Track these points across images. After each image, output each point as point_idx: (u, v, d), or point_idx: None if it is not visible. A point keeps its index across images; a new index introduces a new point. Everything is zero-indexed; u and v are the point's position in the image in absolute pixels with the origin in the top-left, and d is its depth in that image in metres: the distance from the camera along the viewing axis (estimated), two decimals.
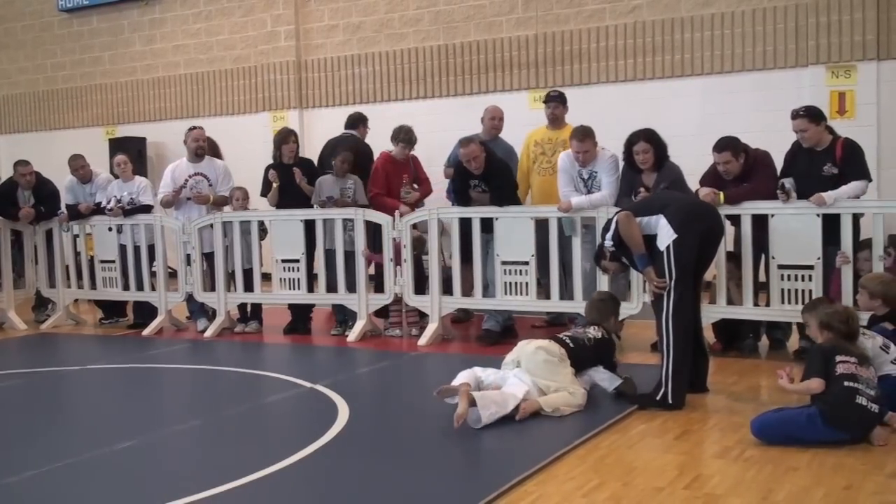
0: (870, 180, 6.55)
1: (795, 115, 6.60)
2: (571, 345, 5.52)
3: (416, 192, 8.14)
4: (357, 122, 9.48)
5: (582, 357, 5.52)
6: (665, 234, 5.37)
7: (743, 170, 6.65)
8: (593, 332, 5.74)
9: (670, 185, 6.47)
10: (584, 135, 7.16)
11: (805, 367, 4.74)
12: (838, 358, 4.57)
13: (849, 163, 6.47)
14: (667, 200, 5.63)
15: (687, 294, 5.37)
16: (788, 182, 6.57)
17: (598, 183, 7.22)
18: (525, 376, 5.27)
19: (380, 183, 8.28)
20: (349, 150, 8.38)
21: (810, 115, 6.54)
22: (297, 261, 8.33)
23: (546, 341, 5.51)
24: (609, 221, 5.82)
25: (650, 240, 5.48)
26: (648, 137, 6.60)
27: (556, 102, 8.16)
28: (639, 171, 6.72)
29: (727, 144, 6.66)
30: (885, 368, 4.92)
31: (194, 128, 8.85)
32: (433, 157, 8.69)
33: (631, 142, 6.71)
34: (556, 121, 8.15)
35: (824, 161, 6.51)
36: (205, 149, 8.73)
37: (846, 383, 4.49)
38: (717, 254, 6.35)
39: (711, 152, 6.72)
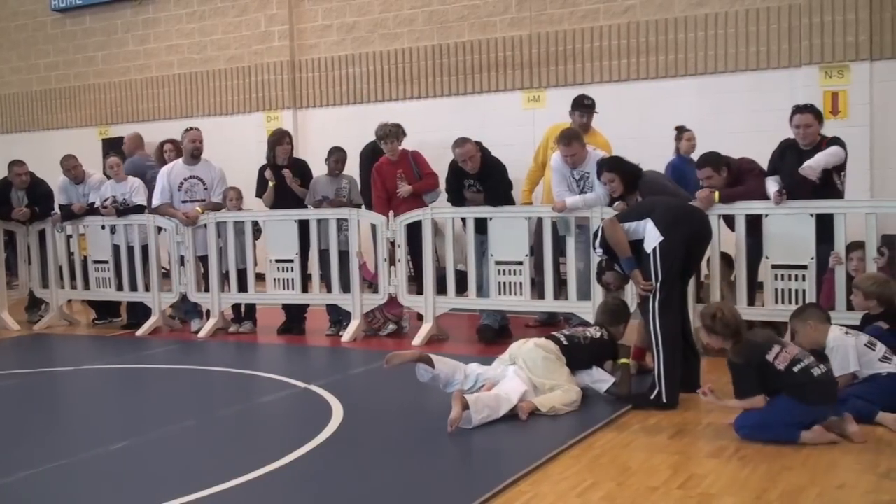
0: (844, 153, 6.51)
1: (802, 109, 6.60)
2: (566, 342, 5.54)
3: (408, 186, 8.15)
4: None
5: (576, 356, 5.53)
6: (652, 237, 5.40)
7: (727, 182, 6.68)
8: (593, 331, 5.75)
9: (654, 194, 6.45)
10: (571, 138, 7.13)
11: (736, 384, 4.73)
12: (769, 357, 4.57)
13: (829, 145, 6.51)
14: (653, 205, 5.66)
15: (673, 295, 5.39)
16: (775, 180, 6.61)
17: (590, 183, 7.21)
18: (522, 373, 5.29)
19: (377, 189, 8.31)
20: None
21: (815, 112, 6.59)
22: (291, 261, 8.33)
23: (542, 339, 5.54)
24: (597, 231, 5.86)
25: (638, 244, 5.51)
26: (611, 166, 6.50)
27: (587, 112, 7.91)
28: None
29: (707, 160, 6.72)
30: (874, 367, 4.93)
31: (191, 128, 8.81)
32: (427, 157, 8.68)
33: (598, 173, 6.71)
34: (584, 127, 7.87)
35: (809, 157, 6.55)
36: (201, 150, 8.69)
37: (795, 368, 4.55)
38: (711, 254, 6.41)
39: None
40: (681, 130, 8.52)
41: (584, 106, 7.97)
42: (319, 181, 8.41)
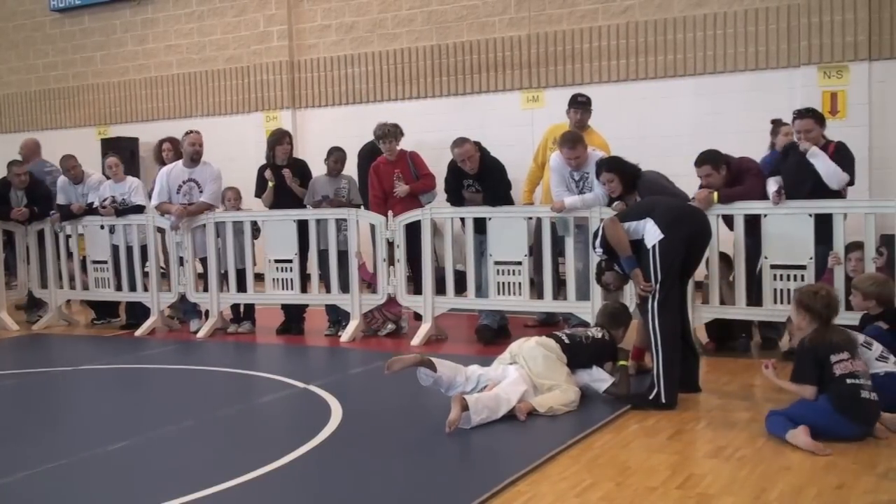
0: (851, 182, 6.57)
1: (802, 114, 6.61)
2: (567, 341, 5.56)
3: (404, 186, 8.17)
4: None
5: (577, 355, 5.54)
6: (652, 235, 5.40)
7: (727, 180, 6.69)
8: (594, 331, 5.78)
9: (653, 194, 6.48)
10: (574, 141, 7.13)
11: (795, 367, 4.73)
12: (833, 359, 4.57)
13: (836, 159, 6.51)
14: (653, 205, 5.66)
15: (672, 294, 5.39)
16: (776, 181, 6.61)
17: (589, 184, 7.22)
18: (523, 371, 5.30)
19: (374, 189, 8.35)
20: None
21: (816, 116, 6.59)
22: (290, 261, 8.33)
23: (544, 338, 5.55)
24: (597, 231, 5.86)
25: (637, 244, 5.50)
26: (610, 166, 6.52)
27: (581, 109, 7.98)
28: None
29: (706, 158, 6.72)
30: (871, 366, 4.93)
31: (191, 131, 8.73)
32: (426, 157, 8.70)
33: (597, 173, 6.74)
34: (580, 126, 7.95)
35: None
36: (200, 153, 8.64)
37: (849, 381, 4.53)
38: (710, 254, 6.41)
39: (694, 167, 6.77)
40: (777, 124, 8.06)
41: (578, 103, 8.02)
42: (318, 181, 8.41)
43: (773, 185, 6.61)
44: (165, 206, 8.63)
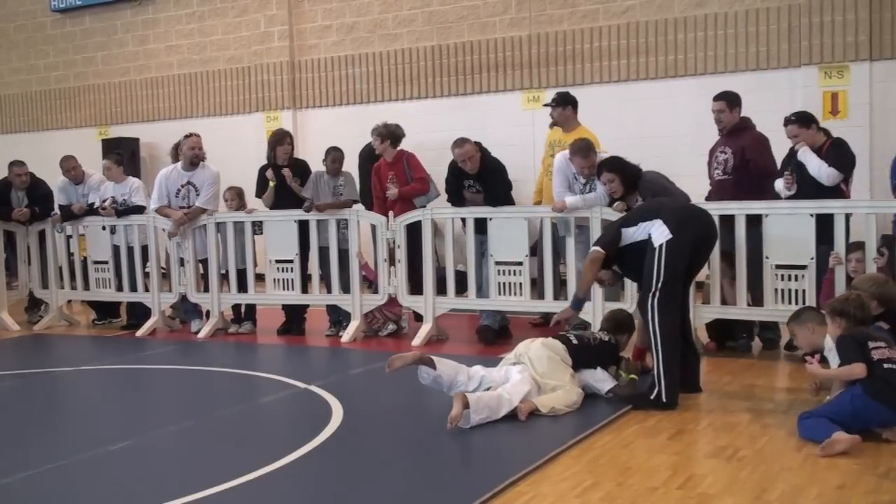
0: (843, 175, 6.57)
1: (787, 122, 6.73)
2: (575, 341, 5.59)
3: (394, 189, 8.18)
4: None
5: (583, 355, 5.57)
6: (660, 234, 5.39)
7: (736, 128, 6.88)
8: (601, 334, 5.83)
9: (654, 196, 6.48)
10: (588, 150, 7.08)
11: (841, 355, 4.75)
12: (871, 344, 4.63)
13: (829, 155, 6.56)
14: (660, 206, 5.66)
15: (673, 294, 5.38)
16: (780, 181, 6.64)
17: (593, 185, 7.21)
18: (527, 372, 5.30)
19: (375, 189, 8.39)
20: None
21: (800, 120, 6.67)
22: (291, 261, 8.33)
23: (550, 339, 5.57)
24: (601, 235, 5.87)
25: (643, 244, 5.48)
26: (611, 167, 6.55)
27: (558, 108, 7.96)
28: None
29: (724, 95, 7.06)
30: None
31: (191, 134, 8.68)
32: (426, 157, 8.70)
33: (597, 173, 6.74)
34: (564, 122, 7.96)
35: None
36: (199, 157, 8.60)
37: (886, 366, 4.56)
38: (712, 253, 6.41)
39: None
40: None
41: (552, 100, 8.02)
42: (322, 177, 8.35)
43: (779, 183, 6.67)
44: (165, 211, 8.62)
